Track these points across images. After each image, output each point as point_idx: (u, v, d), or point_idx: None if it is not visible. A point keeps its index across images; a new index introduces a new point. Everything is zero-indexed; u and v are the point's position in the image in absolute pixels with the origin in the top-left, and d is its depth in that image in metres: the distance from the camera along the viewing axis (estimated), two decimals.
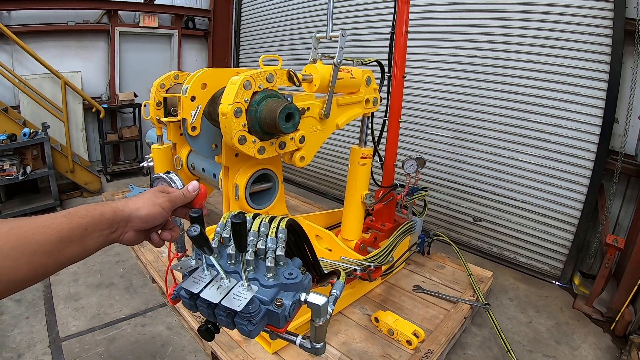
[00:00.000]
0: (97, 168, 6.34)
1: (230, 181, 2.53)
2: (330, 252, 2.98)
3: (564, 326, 3.06)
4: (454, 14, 4.08)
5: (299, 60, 5.84)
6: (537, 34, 3.53)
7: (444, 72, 4.23)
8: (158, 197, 0.91)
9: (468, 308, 2.87)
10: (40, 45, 5.39)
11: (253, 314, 0.86)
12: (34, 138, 4.50)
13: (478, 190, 4.09)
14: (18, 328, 2.80)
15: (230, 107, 1.94)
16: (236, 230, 0.82)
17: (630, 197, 3.45)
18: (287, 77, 2.18)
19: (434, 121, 4.36)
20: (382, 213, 3.19)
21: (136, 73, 6.60)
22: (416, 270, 3.43)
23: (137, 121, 6.51)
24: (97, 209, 0.80)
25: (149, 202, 0.88)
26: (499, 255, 4.06)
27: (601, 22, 3.22)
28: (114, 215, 0.82)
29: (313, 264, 1.22)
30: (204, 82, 2.61)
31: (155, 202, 0.89)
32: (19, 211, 4.47)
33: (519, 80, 3.69)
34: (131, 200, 0.88)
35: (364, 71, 2.65)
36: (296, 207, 4.88)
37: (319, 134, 2.45)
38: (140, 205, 0.87)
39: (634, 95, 3.20)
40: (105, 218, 0.80)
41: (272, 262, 0.92)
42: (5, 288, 0.65)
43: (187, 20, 7.02)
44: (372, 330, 2.63)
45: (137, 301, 3.14)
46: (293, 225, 1.08)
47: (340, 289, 1.09)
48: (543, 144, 3.63)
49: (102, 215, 0.80)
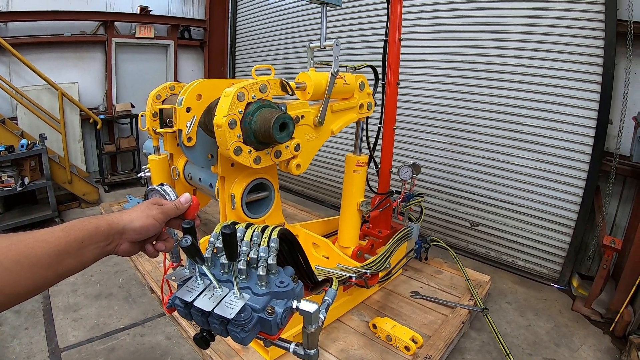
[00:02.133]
0: (95, 179, 6.35)
1: (227, 191, 2.54)
2: (328, 260, 2.99)
3: (563, 328, 3.06)
4: (445, 19, 4.12)
5: (295, 69, 5.87)
6: (529, 37, 3.56)
7: (438, 77, 4.25)
8: (151, 209, 0.93)
9: (466, 313, 2.88)
10: (37, 57, 5.42)
11: (245, 321, 0.87)
12: (32, 149, 4.51)
13: (474, 195, 4.10)
14: (17, 339, 2.80)
15: (225, 119, 1.96)
16: (226, 240, 0.84)
17: (626, 197, 3.46)
18: (280, 86, 2.20)
19: (429, 127, 4.38)
20: (378, 220, 3.20)
21: (133, 84, 6.62)
22: (414, 276, 3.44)
23: (134, 132, 6.52)
24: (93, 222, 0.83)
25: (142, 215, 0.91)
26: (496, 260, 4.06)
27: (593, 24, 3.25)
28: (109, 227, 0.84)
29: (306, 272, 1.24)
30: (199, 93, 2.64)
31: (149, 214, 0.92)
32: (18, 222, 4.47)
33: (513, 84, 3.71)
34: (125, 213, 0.90)
35: (357, 76, 2.67)
36: (293, 215, 4.88)
37: (314, 141, 2.47)
38: (134, 218, 0.89)
39: (627, 96, 3.22)
40: (100, 231, 0.83)
41: (263, 271, 0.93)
42: (7, 300, 0.68)
43: (183, 31, 7.05)
44: (370, 337, 2.63)
45: (136, 311, 3.14)
46: (286, 234, 1.10)
47: (332, 296, 1.10)
48: (538, 147, 3.64)
49: (98, 228, 0.82)
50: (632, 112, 3.20)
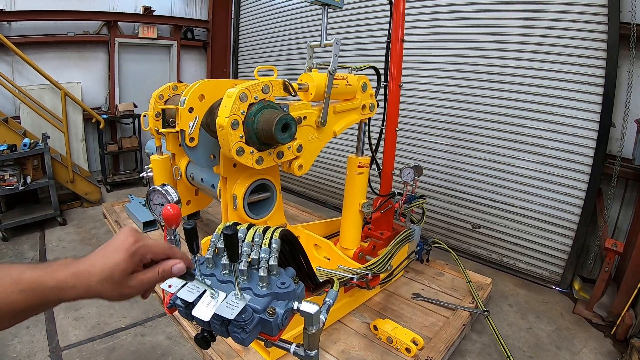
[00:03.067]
0: (97, 178, 6.36)
1: (229, 191, 2.54)
2: (329, 261, 2.99)
3: (565, 331, 3.05)
4: (449, 21, 4.11)
5: (298, 70, 5.86)
6: (532, 40, 3.55)
7: (440, 79, 4.25)
8: (123, 286, 0.79)
9: (467, 315, 2.87)
10: (40, 56, 5.43)
11: (246, 322, 0.87)
12: (34, 148, 4.52)
13: (476, 197, 4.10)
14: (18, 337, 2.80)
15: (227, 119, 1.96)
16: (228, 241, 0.84)
17: (628, 200, 3.45)
18: (283, 87, 2.20)
19: (431, 129, 4.38)
20: (380, 221, 3.19)
21: (136, 84, 6.63)
22: (415, 278, 3.43)
23: (136, 132, 6.53)
24: (46, 290, 0.74)
25: (109, 288, 0.78)
26: (498, 262, 4.05)
27: (596, 26, 3.24)
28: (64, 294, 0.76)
29: (308, 273, 1.24)
30: (202, 94, 2.64)
31: (122, 292, 0.79)
32: (19, 221, 4.48)
33: (515, 86, 3.70)
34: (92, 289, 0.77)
35: (360, 77, 2.67)
36: (295, 216, 4.88)
37: (316, 142, 2.47)
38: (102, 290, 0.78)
39: (630, 99, 3.21)
40: (64, 294, 0.75)
41: (264, 272, 0.93)
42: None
43: (186, 31, 7.07)
44: (371, 339, 2.63)
45: (137, 311, 3.14)
46: (287, 236, 1.10)
47: (333, 297, 1.10)
48: (540, 150, 3.63)
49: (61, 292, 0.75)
50: (634, 114, 3.19)
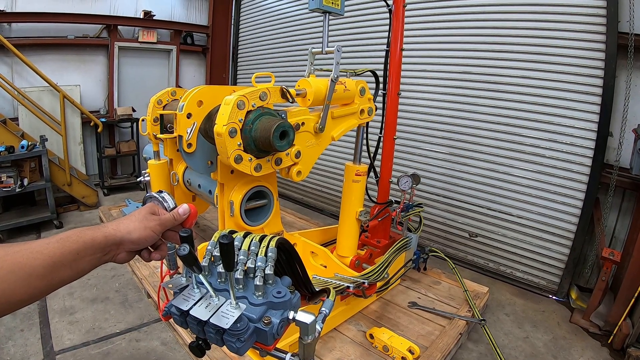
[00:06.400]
0: (95, 182, 6.34)
1: (226, 198, 2.54)
2: (326, 269, 2.98)
3: (561, 340, 3.04)
4: (446, 30, 4.14)
5: (298, 76, 5.85)
6: (531, 49, 3.57)
7: (439, 88, 4.27)
8: (149, 220, 0.94)
9: (464, 324, 2.86)
10: (40, 58, 5.44)
11: (241, 331, 0.87)
12: (32, 150, 4.51)
13: (473, 206, 4.10)
14: (12, 340, 2.79)
15: (225, 127, 1.96)
16: (223, 250, 0.84)
17: (625, 209, 3.46)
18: (281, 94, 2.21)
19: (429, 137, 4.39)
20: (377, 229, 3.19)
21: (135, 88, 6.64)
22: (412, 287, 3.42)
23: (134, 136, 6.53)
24: (89, 233, 0.83)
25: (140, 226, 0.91)
26: (495, 271, 4.05)
27: (594, 36, 3.27)
28: (105, 240, 0.85)
29: (304, 282, 1.23)
30: (200, 100, 2.64)
31: (147, 225, 0.92)
32: (16, 223, 4.46)
33: (513, 95, 3.72)
34: (122, 223, 0.91)
35: (358, 82, 2.67)
36: (292, 223, 4.87)
37: (314, 148, 2.47)
38: (132, 229, 0.90)
39: (627, 108, 3.23)
40: (97, 242, 0.84)
41: (260, 281, 0.93)
42: (3, 308, 0.71)
43: (186, 36, 7.09)
44: (367, 347, 2.61)
45: (132, 316, 3.12)
46: (283, 244, 1.09)
47: (329, 307, 1.09)
48: (538, 159, 3.65)
49: (94, 240, 0.83)
50: (632, 124, 3.22)
